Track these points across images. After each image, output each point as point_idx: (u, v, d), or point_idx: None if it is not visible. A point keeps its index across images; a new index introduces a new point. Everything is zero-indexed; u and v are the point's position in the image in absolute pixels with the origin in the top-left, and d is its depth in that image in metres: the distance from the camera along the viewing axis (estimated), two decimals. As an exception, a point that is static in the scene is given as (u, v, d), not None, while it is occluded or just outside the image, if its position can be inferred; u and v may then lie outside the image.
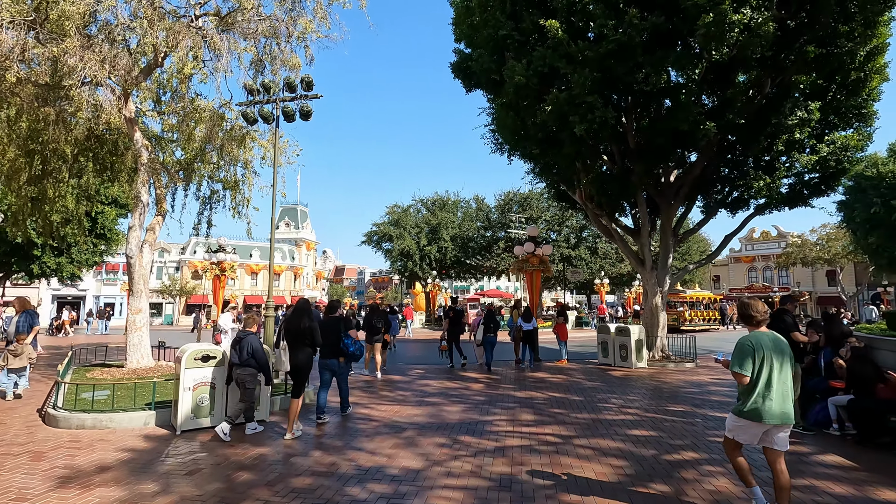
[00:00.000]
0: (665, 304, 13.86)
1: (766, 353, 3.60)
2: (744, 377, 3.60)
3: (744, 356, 3.63)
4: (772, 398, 3.54)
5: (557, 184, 14.85)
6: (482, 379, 10.98)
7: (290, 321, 6.44)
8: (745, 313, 3.83)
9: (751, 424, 3.62)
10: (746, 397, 3.63)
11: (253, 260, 53.54)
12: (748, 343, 3.66)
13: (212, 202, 16.13)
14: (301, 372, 6.36)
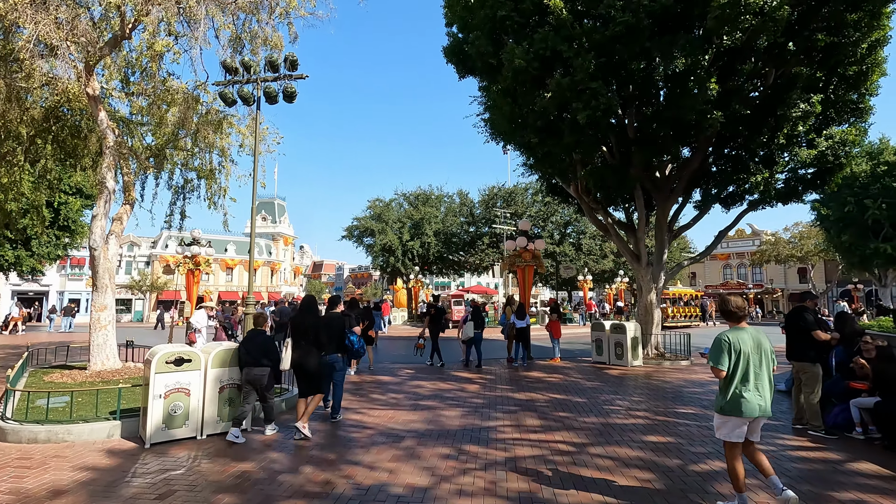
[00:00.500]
0: (660, 300, 13.58)
1: (744, 349, 3.70)
2: (721, 371, 3.71)
3: (720, 351, 3.74)
4: (749, 391, 3.66)
5: (551, 177, 14.41)
6: (476, 379, 10.45)
7: (299, 319, 6.13)
8: (727, 309, 3.91)
9: (734, 420, 3.71)
10: (725, 392, 3.75)
11: (228, 255, 51.88)
12: (725, 339, 3.76)
13: (185, 192, 15.14)
14: (308, 372, 6.11)
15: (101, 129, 9.68)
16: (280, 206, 60.82)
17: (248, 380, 6.02)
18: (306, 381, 6.16)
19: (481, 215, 33.51)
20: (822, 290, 55.37)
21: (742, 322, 3.88)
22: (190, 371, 5.95)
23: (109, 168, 9.65)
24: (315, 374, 6.16)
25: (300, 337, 6.09)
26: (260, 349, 6.05)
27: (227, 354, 6.32)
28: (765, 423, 6.77)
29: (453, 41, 11.68)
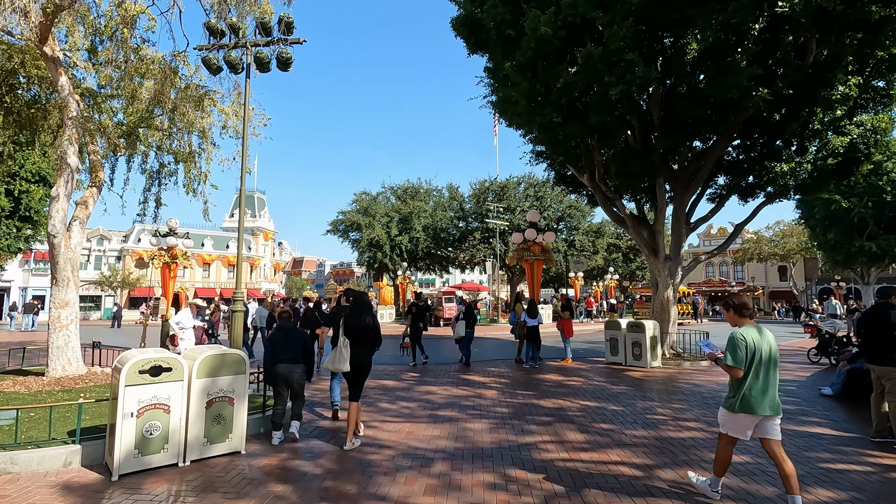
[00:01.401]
0: (676, 297, 12.83)
1: (757, 347, 3.71)
2: (739, 371, 3.69)
3: (738, 350, 3.71)
4: (761, 390, 3.67)
5: (564, 164, 13.50)
6: (491, 384, 9.47)
7: (352, 317, 5.71)
8: (739, 305, 3.88)
9: (743, 417, 3.72)
10: (738, 390, 3.74)
11: (205, 249, 49.78)
12: (741, 337, 3.73)
13: (161, 177, 13.74)
14: (364, 373, 5.75)
15: (63, 96, 8.35)
16: (260, 200, 58.79)
17: (285, 377, 5.71)
18: (358, 385, 5.72)
19: (472, 210, 32.53)
20: (801, 289, 56.36)
21: (750, 320, 3.87)
22: (170, 382, 4.79)
23: (71, 142, 8.32)
24: (364, 377, 5.80)
25: (359, 336, 5.62)
26: (299, 344, 5.86)
27: (217, 361, 5.19)
28: (837, 435, 6.09)
29: (465, 11, 10.62)
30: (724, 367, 3.76)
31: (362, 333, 5.60)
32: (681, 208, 12.36)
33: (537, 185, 31.23)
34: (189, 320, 9.20)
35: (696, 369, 11.34)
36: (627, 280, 42.02)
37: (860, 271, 38.54)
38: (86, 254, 43.78)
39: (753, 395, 3.67)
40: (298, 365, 5.79)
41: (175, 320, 9.14)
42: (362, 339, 5.61)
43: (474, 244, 30.81)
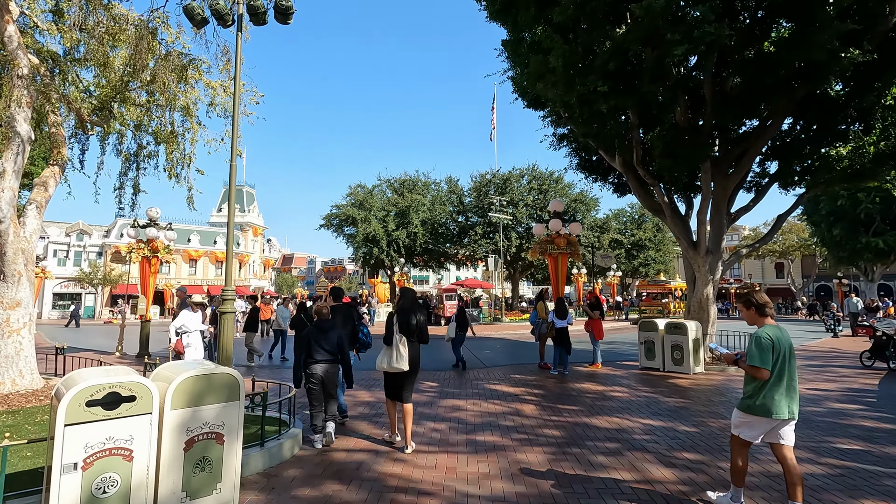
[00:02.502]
0: (716, 295, 11.62)
1: (782, 348, 3.54)
2: (765, 372, 3.49)
3: (765, 351, 3.51)
4: (783, 393, 3.51)
5: (588, 149, 12.23)
6: (524, 395, 8.16)
7: (408, 314, 5.42)
8: (761, 304, 3.66)
9: (759, 420, 3.55)
10: (758, 392, 3.55)
11: (192, 245, 47.87)
12: (767, 336, 3.54)
13: (139, 160, 12.23)
14: (417, 372, 5.55)
15: (11, 49, 6.85)
16: (249, 194, 56.87)
17: (322, 378, 5.49)
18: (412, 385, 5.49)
19: (472, 204, 31.20)
20: (799, 286, 55.99)
21: (771, 319, 3.68)
22: (133, 417, 3.40)
23: (20, 105, 6.82)
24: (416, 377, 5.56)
25: (414, 333, 5.40)
26: (336, 342, 5.59)
27: (200, 384, 3.81)
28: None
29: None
30: (749, 368, 3.56)
31: (418, 330, 5.40)
32: (722, 196, 11.15)
33: (541, 177, 29.99)
34: (194, 322, 7.74)
35: (741, 374, 10.15)
36: (630, 277, 41.03)
37: (864, 268, 37.98)
38: (65, 249, 41.68)
39: (776, 398, 3.50)
40: (335, 364, 5.60)
41: (177, 324, 7.68)
42: (418, 335, 5.42)
43: (476, 239, 29.50)
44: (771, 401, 3.49)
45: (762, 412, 3.51)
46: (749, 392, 3.63)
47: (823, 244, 39.65)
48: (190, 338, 7.85)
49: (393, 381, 5.42)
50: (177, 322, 7.80)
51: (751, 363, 3.54)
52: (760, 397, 3.52)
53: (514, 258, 30.73)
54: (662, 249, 38.51)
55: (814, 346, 16.30)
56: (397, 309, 5.52)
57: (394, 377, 5.39)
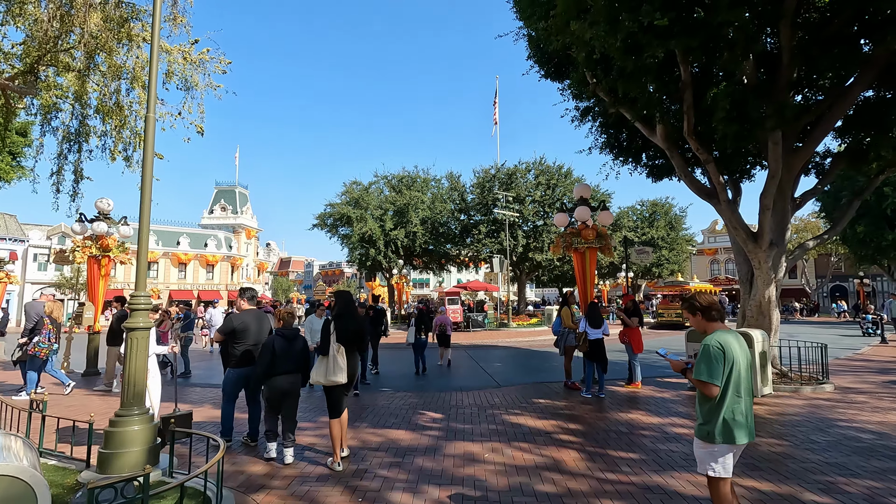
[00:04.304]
0: (779, 297, 9.59)
1: (736, 357, 2.99)
2: (713, 388, 2.94)
3: (714, 362, 2.95)
4: (742, 412, 2.97)
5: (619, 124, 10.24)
6: (556, 433, 6.10)
7: (347, 321, 5.01)
8: (707, 307, 3.17)
9: (724, 449, 2.95)
10: (715, 413, 2.97)
11: (181, 248, 45.80)
12: (717, 345, 2.98)
13: (80, 140, 10.24)
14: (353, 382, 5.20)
15: None
16: (242, 195, 54.84)
17: (285, 391, 5.08)
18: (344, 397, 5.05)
19: (475, 201, 29.17)
20: (813, 287, 53.97)
21: (722, 323, 3.17)
22: None
23: None
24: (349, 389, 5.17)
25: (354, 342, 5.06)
26: (303, 353, 5.26)
27: None
28: None
29: None
30: (696, 383, 2.98)
31: (358, 338, 5.12)
32: (788, 177, 9.14)
33: (549, 171, 27.97)
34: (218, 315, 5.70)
35: (822, 397, 8.12)
36: (641, 278, 38.99)
37: (888, 266, 36.07)
38: (45, 253, 39.64)
39: (736, 419, 2.94)
40: (298, 376, 5.22)
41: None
42: (358, 344, 5.16)
43: (479, 238, 27.45)
44: (734, 423, 2.95)
45: (725, 438, 2.96)
46: (704, 414, 3.05)
47: (844, 242, 37.59)
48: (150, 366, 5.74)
49: (329, 393, 4.93)
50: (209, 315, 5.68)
51: (697, 377, 3.00)
52: (721, 419, 2.96)
53: (520, 258, 28.70)
54: (676, 249, 36.46)
55: (870, 355, 14.25)
56: (334, 315, 5.04)
57: (331, 391, 4.92)
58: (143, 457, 4.29)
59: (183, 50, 9.98)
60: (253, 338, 5.66)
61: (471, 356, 14.99)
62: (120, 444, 4.25)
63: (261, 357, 5.18)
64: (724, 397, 2.97)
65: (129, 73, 9.49)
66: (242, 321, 5.67)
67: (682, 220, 37.95)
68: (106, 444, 4.27)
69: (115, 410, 4.41)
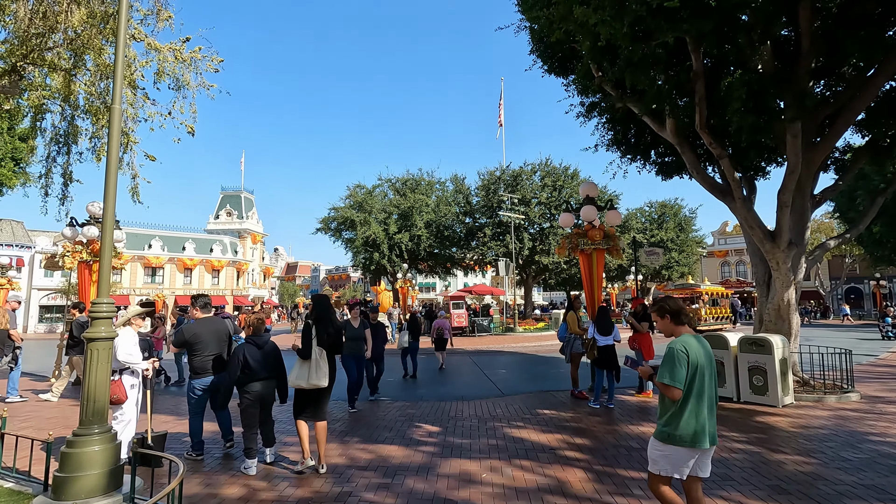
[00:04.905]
0: (798, 300, 9.05)
1: (699, 361, 3.01)
2: (676, 391, 2.96)
3: (678, 366, 2.98)
4: (705, 416, 2.98)
5: (627, 120, 9.79)
6: (560, 448, 5.62)
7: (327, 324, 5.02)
8: (676, 311, 3.19)
9: (681, 451, 2.96)
10: (676, 417, 2.99)
11: (186, 253, 45.79)
12: (681, 349, 3.01)
13: (69, 141, 9.97)
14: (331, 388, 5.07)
15: None
16: (248, 200, 54.83)
17: (262, 397, 5.04)
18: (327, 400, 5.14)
19: (480, 203, 28.74)
20: (827, 289, 52.83)
21: (688, 328, 3.18)
22: None
23: None
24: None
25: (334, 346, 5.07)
26: (276, 359, 5.16)
27: None
28: None
29: None
30: (660, 386, 3.00)
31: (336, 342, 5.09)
32: (807, 173, 8.62)
33: (555, 172, 27.48)
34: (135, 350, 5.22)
35: (850, 406, 7.56)
36: (650, 280, 38.27)
37: (905, 268, 35.10)
38: (52, 259, 39.71)
39: (698, 423, 2.95)
40: (273, 382, 5.14)
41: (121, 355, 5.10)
42: (337, 348, 5.12)
43: (485, 241, 27.00)
44: (694, 426, 2.94)
45: (684, 441, 2.94)
46: (665, 417, 3.05)
47: (860, 242, 36.66)
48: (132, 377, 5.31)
49: (308, 398, 4.90)
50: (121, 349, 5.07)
51: (660, 380, 3.00)
52: (681, 422, 2.95)
53: (526, 261, 28.20)
54: (686, 251, 35.72)
55: (894, 360, 13.59)
56: (314, 318, 5.03)
57: (310, 394, 4.89)
58: (102, 480, 3.90)
59: (174, 48, 9.69)
60: (210, 347, 5.42)
61: (475, 363, 14.53)
62: (77, 467, 3.87)
63: (230, 366, 5.10)
64: (686, 401, 2.99)
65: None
66: (194, 332, 5.37)
67: (692, 222, 37.23)
68: (62, 466, 3.88)
69: (73, 429, 4.03)
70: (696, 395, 2.99)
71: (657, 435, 3.08)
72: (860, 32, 6.07)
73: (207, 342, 5.45)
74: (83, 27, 8.13)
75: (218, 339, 5.58)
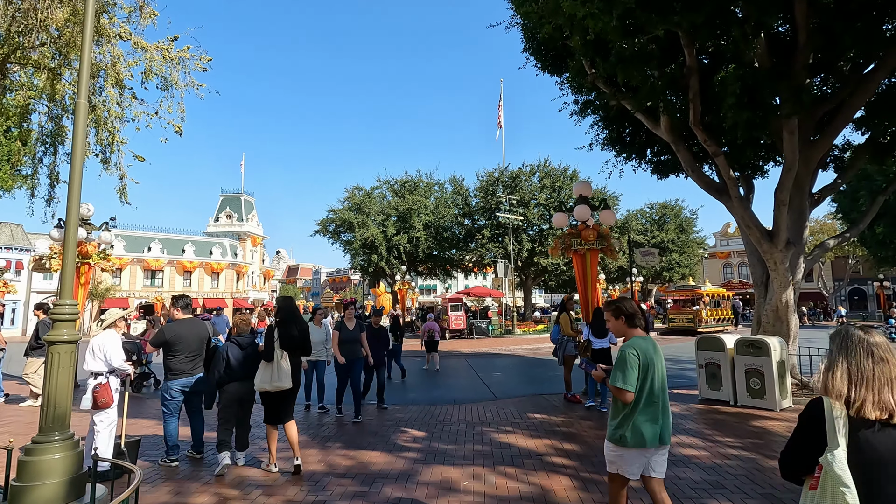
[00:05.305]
0: (797, 301, 8.85)
1: (651, 363, 3.04)
2: (628, 394, 2.97)
3: (631, 369, 2.99)
4: (656, 417, 3.02)
5: (621, 118, 9.62)
6: (548, 454, 5.43)
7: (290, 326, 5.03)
8: (632, 313, 3.18)
9: (633, 452, 3.01)
10: (628, 418, 3.02)
11: (186, 256, 45.74)
12: (633, 352, 3.02)
13: (55, 142, 9.86)
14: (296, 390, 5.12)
15: None
16: (248, 203, 54.80)
17: (240, 398, 5.12)
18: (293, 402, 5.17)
19: (479, 205, 28.58)
20: (831, 290, 52.41)
21: (641, 330, 3.17)
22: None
23: None
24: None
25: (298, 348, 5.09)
26: (256, 360, 5.05)
27: None
28: None
29: None
30: (613, 389, 3.02)
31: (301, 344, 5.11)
32: (805, 171, 8.44)
33: (554, 173, 27.32)
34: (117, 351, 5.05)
35: (855, 413, 7.35)
36: (651, 282, 38.02)
37: (909, 269, 34.75)
38: (51, 262, 39.73)
39: (650, 424, 2.98)
40: (252, 383, 5.03)
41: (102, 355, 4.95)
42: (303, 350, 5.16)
43: (483, 243, 26.83)
44: (645, 427, 2.97)
45: (635, 443, 2.97)
46: (617, 419, 3.07)
47: (863, 243, 36.32)
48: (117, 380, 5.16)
49: (274, 401, 4.93)
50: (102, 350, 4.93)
51: (613, 383, 3.02)
52: (633, 423, 2.99)
53: (525, 263, 28.01)
54: (687, 252, 35.47)
55: None
56: (278, 321, 5.02)
57: (274, 397, 4.92)
58: (62, 489, 3.73)
59: (162, 47, 9.58)
60: (189, 348, 5.35)
61: (471, 365, 14.34)
62: (36, 476, 3.69)
63: (214, 365, 5.16)
64: (637, 403, 3.01)
65: (105, 72, 9.09)
66: (175, 332, 5.27)
67: (693, 223, 36.99)
68: (19, 475, 3.71)
69: (33, 436, 3.86)
70: (648, 397, 3.03)
71: (610, 437, 3.11)
72: (857, 25, 5.89)
73: (188, 343, 5.40)
74: (67, 25, 8.01)
75: (199, 340, 5.53)
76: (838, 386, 1.71)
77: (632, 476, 3.06)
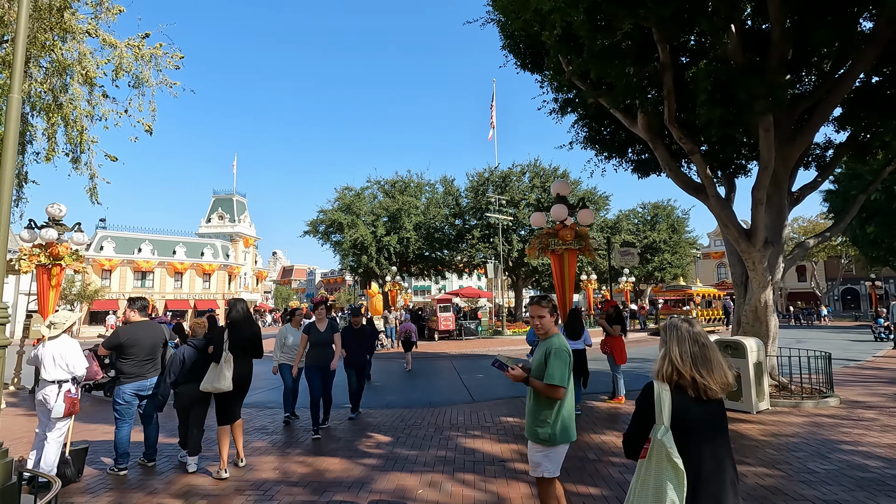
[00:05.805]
0: (777, 301, 8.72)
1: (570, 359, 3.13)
2: (564, 391, 3.02)
3: (566, 366, 3.04)
4: (572, 410, 3.14)
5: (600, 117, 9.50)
6: (511, 459, 5.27)
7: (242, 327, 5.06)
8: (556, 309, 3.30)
9: (561, 449, 3.09)
10: (557, 415, 3.04)
11: (177, 257, 45.40)
12: (565, 348, 3.09)
13: (23, 140, 9.65)
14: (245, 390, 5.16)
15: None
16: (240, 203, 54.49)
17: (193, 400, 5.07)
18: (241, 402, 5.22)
19: (470, 205, 28.44)
20: (823, 290, 52.50)
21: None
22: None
23: None
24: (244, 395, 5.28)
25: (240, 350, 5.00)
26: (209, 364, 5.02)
27: None
28: None
29: None
30: (547, 388, 2.99)
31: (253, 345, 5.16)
32: (784, 169, 8.33)
33: (544, 173, 27.21)
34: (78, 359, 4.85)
35: (826, 412, 7.23)
36: (644, 282, 37.96)
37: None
38: (40, 263, 39.37)
39: (570, 418, 3.09)
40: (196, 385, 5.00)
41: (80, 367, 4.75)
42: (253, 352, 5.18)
43: (473, 243, 26.68)
44: (570, 421, 3.08)
45: (564, 438, 3.05)
46: (547, 419, 3.05)
47: (854, 243, 36.38)
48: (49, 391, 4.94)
49: (220, 401, 4.96)
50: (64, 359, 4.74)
51: (551, 382, 2.99)
52: (561, 421, 3.03)
53: (515, 263, 27.88)
54: (679, 252, 35.42)
55: (882, 363, 13.25)
56: (228, 322, 5.03)
57: (221, 397, 4.94)
58: (-14, 502, 3.55)
59: (132, 45, 9.39)
60: (144, 351, 5.22)
61: (454, 367, 14.18)
62: (-43, 488, 3.52)
63: (170, 368, 5.16)
64: (564, 399, 3.06)
65: (72, 68, 8.89)
66: (130, 335, 5.09)
67: (685, 223, 36.95)
68: (-59, 487, 3.53)
69: (-44, 446, 3.68)
70: (569, 392, 3.09)
71: (540, 437, 3.06)
72: (828, 19, 5.76)
73: (143, 346, 5.28)
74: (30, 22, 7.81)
75: (154, 343, 5.39)
76: (667, 369, 2.03)
77: (556, 474, 3.09)
